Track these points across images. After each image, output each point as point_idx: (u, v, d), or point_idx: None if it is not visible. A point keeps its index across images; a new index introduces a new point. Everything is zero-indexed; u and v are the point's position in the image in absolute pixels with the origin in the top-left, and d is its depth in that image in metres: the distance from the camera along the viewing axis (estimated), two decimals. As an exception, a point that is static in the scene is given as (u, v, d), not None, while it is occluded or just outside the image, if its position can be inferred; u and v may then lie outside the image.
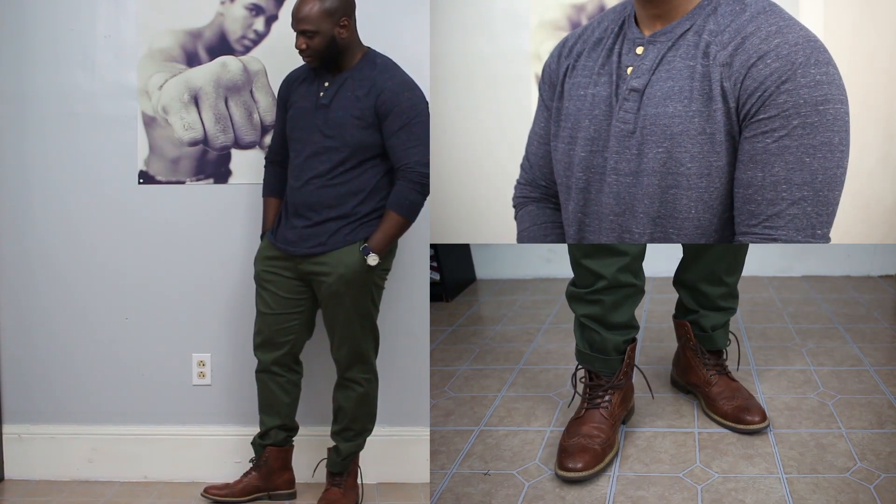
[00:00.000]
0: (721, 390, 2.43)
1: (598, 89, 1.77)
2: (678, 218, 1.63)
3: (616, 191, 1.72)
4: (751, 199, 1.56)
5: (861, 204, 3.33)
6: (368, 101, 2.42)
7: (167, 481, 2.83)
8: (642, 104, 1.65)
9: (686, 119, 1.58)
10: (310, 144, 2.47)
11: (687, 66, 1.61)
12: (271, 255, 2.55)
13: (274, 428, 2.64)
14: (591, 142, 1.76)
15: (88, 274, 2.83)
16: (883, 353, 2.97)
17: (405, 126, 2.42)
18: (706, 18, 1.63)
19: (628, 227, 1.72)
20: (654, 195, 1.64)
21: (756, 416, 2.31)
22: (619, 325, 2.24)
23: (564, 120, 1.84)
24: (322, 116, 2.46)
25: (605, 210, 1.75)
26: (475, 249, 4.35)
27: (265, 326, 2.58)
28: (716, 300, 2.49)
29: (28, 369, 2.86)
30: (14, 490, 2.76)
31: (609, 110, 1.74)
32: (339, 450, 2.63)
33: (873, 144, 3.28)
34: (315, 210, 2.47)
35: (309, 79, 2.52)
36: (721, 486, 2.06)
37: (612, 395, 2.26)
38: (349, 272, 2.46)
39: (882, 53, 3.19)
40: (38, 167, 2.80)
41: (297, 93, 2.53)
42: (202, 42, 2.78)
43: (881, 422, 2.38)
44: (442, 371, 2.95)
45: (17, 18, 2.76)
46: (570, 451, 2.13)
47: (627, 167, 1.69)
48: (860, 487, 2.02)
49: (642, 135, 1.64)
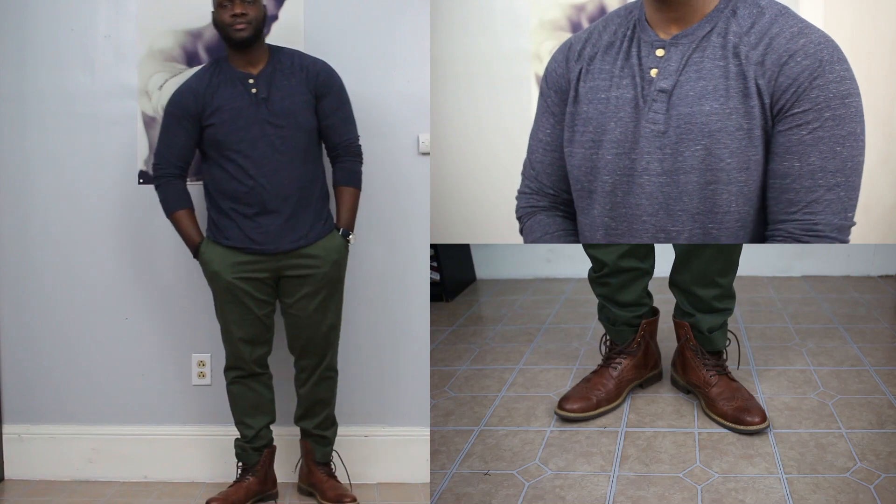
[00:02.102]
0: (721, 391, 2.43)
1: (622, 92, 1.76)
2: (718, 213, 1.69)
3: (649, 191, 1.73)
4: (789, 188, 1.66)
5: (861, 204, 3.32)
6: (308, 84, 2.50)
7: (167, 481, 2.83)
8: (672, 104, 1.69)
9: (724, 116, 1.65)
10: (262, 139, 2.45)
11: (718, 67, 1.67)
12: (239, 260, 2.50)
13: (263, 428, 2.64)
14: (618, 144, 1.75)
15: (88, 274, 2.83)
16: (883, 353, 2.97)
17: (340, 105, 2.56)
18: (727, 21, 1.70)
19: (664, 226, 1.74)
20: (694, 192, 1.69)
21: (756, 416, 2.31)
22: (628, 304, 2.57)
23: (583, 124, 1.81)
24: (266, 109, 2.46)
25: (637, 211, 1.76)
26: (475, 249, 4.35)
27: (246, 330, 2.54)
28: (710, 302, 2.48)
29: (28, 369, 2.86)
30: (14, 490, 2.76)
31: (635, 112, 1.74)
32: (327, 439, 2.68)
33: (873, 144, 3.26)
34: (286, 201, 2.47)
35: (223, 83, 2.48)
36: (721, 486, 2.06)
37: (624, 359, 2.59)
38: (340, 257, 2.56)
39: (882, 53, 3.19)
40: (39, 167, 2.81)
41: (218, 97, 2.47)
42: (202, 42, 2.78)
43: (881, 422, 2.38)
44: (442, 371, 2.95)
45: (17, 18, 2.76)
46: (571, 396, 2.49)
47: (660, 167, 1.71)
48: (860, 487, 2.02)
49: (676, 134, 1.68)
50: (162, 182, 2.55)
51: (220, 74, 2.50)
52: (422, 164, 2.81)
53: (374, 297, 2.84)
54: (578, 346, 3.16)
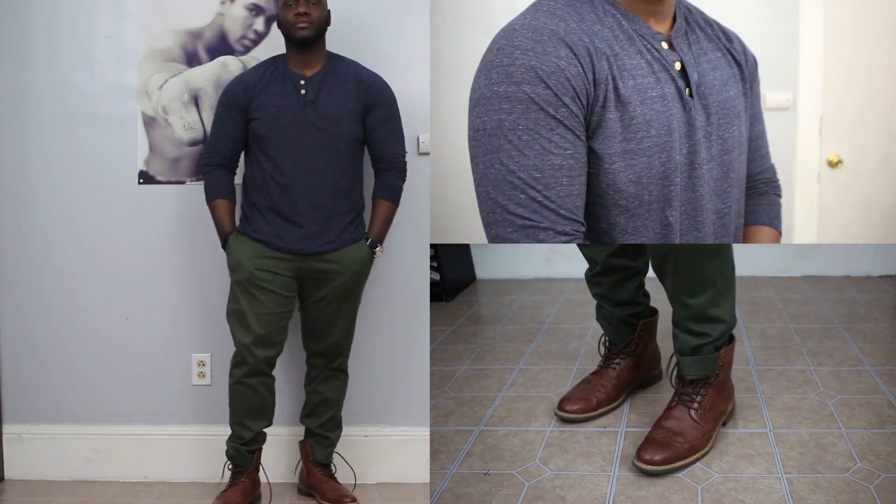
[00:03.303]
0: (660, 434, 2.20)
1: (667, 88, 1.65)
2: (742, 180, 1.87)
3: (706, 180, 1.73)
4: (759, 146, 1.97)
5: (861, 204, 3.33)
6: (358, 94, 2.51)
7: (167, 481, 2.83)
8: (703, 94, 1.73)
9: (741, 98, 1.82)
10: (302, 140, 2.47)
11: (719, 58, 1.80)
12: (265, 254, 2.50)
13: (261, 431, 2.63)
14: (682, 142, 1.66)
15: (88, 274, 2.83)
16: (883, 353, 2.97)
17: (390, 119, 2.57)
18: (688, 16, 1.80)
19: (717, 207, 1.78)
20: (737, 168, 1.82)
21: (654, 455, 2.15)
22: (622, 302, 2.58)
23: (642, 129, 1.60)
24: (312, 112, 2.47)
25: (701, 202, 1.71)
26: (475, 249, 4.35)
27: (261, 326, 2.51)
28: (685, 321, 2.28)
29: (28, 369, 2.86)
30: (14, 490, 2.76)
31: (682, 106, 1.68)
32: (329, 440, 2.68)
33: (873, 144, 3.28)
34: (318, 205, 2.48)
35: (275, 80, 2.51)
36: (721, 486, 2.06)
37: (623, 359, 2.58)
38: (362, 267, 2.57)
39: (882, 54, 3.20)
40: (38, 167, 2.80)
41: (267, 93, 2.49)
42: (202, 42, 2.78)
43: (881, 422, 2.38)
44: (442, 371, 2.95)
45: (17, 18, 2.76)
46: (571, 397, 2.51)
47: (708, 154, 1.73)
48: (860, 487, 2.02)
49: (716, 121, 1.75)
50: (207, 170, 2.59)
51: (274, 72, 2.52)
52: (422, 164, 2.81)
53: (375, 296, 2.83)
54: (578, 346, 3.16)
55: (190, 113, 2.78)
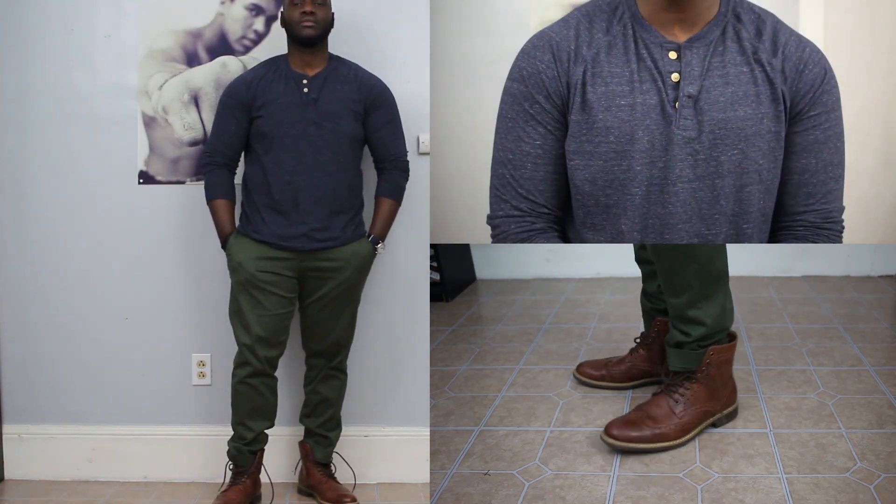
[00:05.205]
0: (636, 414, 2.24)
1: (646, 97, 1.69)
2: (751, 212, 1.77)
3: (683, 198, 1.71)
4: (807, 183, 1.80)
5: (861, 204, 3.33)
6: (360, 95, 2.53)
7: (167, 481, 2.83)
8: (701, 109, 1.69)
9: (757, 121, 1.72)
10: (305, 137, 2.48)
11: (743, 73, 1.72)
12: (267, 255, 2.50)
13: (262, 432, 2.62)
14: (649, 153, 1.69)
15: (88, 274, 2.83)
16: (883, 353, 2.97)
17: (391, 120, 2.59)
18: (734, 26, 1.73)
19: (698, 231, 1.74)
20: (731, 195, 1.74)
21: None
22: (650, 294, 2.68)
23: (601, 134, 1.71)
24: (314, 110, 2.48)
25: (671, 220, 1.73)
26: (475, 249, 4.35)
27: (263, 328, 2.51)
28: (672, 317, 2.34)
29: (28, 369, 2.86)
30: (14, 490, 2.76)
31: (663, 119, 1.69)
32: (329, 440, 2.68)
33: (873, 145, 3.28)
34: (319, 202, 2.49)
35: (278, 79, 2.52)
36: (721, 486, 2.06)
37: (642, 349, 2.68)
38: (364, 263, 2.58)
39: (881, 55, 3.19)
40: (39, 167, 2.80)
41: (270, 92, 2.50)
42: (202, 42, 2.78)
43: (881, 422, 2.38)
44: (442, 371, 2.95)
45: (17, 19, 2.76)
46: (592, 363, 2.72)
47: (693, 173, 1.70)
48: (860, 487, 2.02)
49: (710, 140, 1.70)
50: (207, 169, 2.59)
51: (276, 71, 2.53)
52: (422, 164, 2.81)
53: (375, 296, 2.83)
54: (578, 347, 3.16)
55: (190, 113, 2.78)
